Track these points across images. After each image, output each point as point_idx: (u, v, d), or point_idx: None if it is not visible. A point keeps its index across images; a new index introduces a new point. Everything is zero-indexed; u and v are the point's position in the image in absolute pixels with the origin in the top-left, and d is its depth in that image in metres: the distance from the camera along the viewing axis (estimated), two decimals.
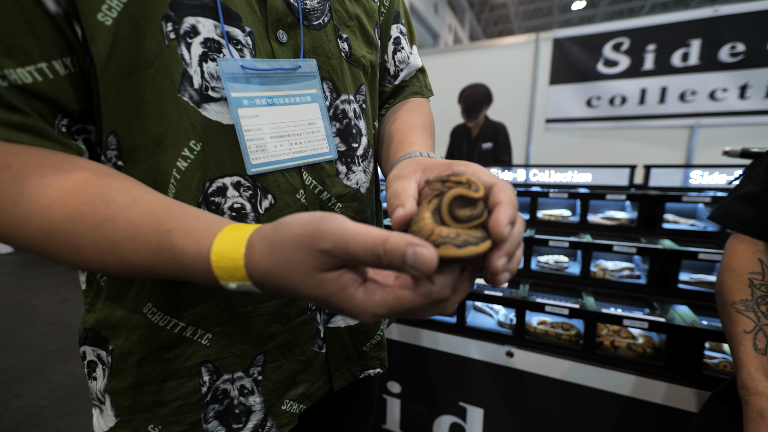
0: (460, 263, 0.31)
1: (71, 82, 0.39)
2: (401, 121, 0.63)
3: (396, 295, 0.29)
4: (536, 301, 1.12)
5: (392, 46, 0.66)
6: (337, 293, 0.30)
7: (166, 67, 0.39)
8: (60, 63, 0.38)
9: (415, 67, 0.70)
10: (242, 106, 0.44)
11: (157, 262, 0.35)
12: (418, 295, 0.29)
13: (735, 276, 0.71)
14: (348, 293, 0.30)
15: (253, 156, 0.45)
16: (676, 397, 0.97)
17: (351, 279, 0.30)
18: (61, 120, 0.40)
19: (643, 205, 1.36)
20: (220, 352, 0.48)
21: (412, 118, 0.64)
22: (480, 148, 2.84)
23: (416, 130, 0.60)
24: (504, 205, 0.31)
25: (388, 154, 0.59)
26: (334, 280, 0.29)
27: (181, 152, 0.41)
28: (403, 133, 0.59)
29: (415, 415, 1.34)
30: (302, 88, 0.49)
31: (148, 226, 0.35)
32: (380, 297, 0.29)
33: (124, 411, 0.47)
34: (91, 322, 0.48)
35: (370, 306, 0.29)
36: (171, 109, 0.40)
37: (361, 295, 0.29)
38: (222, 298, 0.47)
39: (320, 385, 0.59)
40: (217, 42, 0.42)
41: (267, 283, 0.32)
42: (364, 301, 0.29)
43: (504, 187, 0.33)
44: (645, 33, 2.70)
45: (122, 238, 0.35)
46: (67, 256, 0.37)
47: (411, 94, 0.69)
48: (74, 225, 0.35)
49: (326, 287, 0.30)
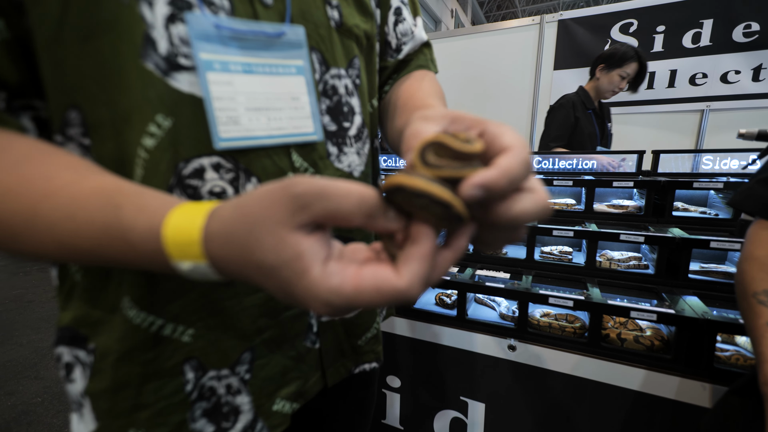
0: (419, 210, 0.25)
1: (7, 50, 0.35)
2: (413, 88, 0.58)
3: (356, 283, 0.25)
4: (539, 293, 1.08)
5: (393, 17, 0.60)
6: (291, 262, 0.25)
7: (127, 29, 0.35)
8: None
9: (420, 42, 0.65)
10: (213, 71, 0.38)
11: (100, 243, 0.31)
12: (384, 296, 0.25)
13: (758, 265, 0.67)
14: (303, 265, 0.25)
15: (223, 128, 0.39)
16: (686, 392, 0.93)
17: (312, 251, 0.25)
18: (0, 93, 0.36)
19: (651, 192, 1.31)
20: (205, 347, 0.45)
21: (423, 85, 0.59)
22: (609, 129, 2.28)
23: (432, 96, 0.55)
24: (505, 156, 0.25)
25: (400, 119, 0.54)
26: (295, 244, 0.25)
27: (146, 128, 0.37)
28: (419, 98, 0.54)
29: (415, 410, 1.31)
30: (287, 57, 0.44)
31: (93, 204, 0.31)
32: (336, 282, 0.25)
33: (103, 415, 0.44)
34: (68, 320, 0.44)
35: (322, 289, 0.25)
36: (135, 78, 0.36)
37: (317, 274, 0.25)
38: (204, 290, 0.43)
39: (314, 382, 0.55)
40: (186, 1, 0.37)
41: (224, 257, 0.28)
42: (318, 280, 0.25)
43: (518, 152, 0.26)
44: (654, 13, 2.61)
45: (61, 217, 0.31)
46: (2, 242, 0.34)
47: (416, 67, 0.64)
48: (7, 204, 0.32)
49: (284, 251, 0.25)
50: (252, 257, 0.26)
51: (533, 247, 1.33)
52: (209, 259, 0.28)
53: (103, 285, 0.42)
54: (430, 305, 1.32)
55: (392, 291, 0.24)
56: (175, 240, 0.29)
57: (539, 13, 10.53)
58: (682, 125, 2.74)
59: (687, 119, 2.72)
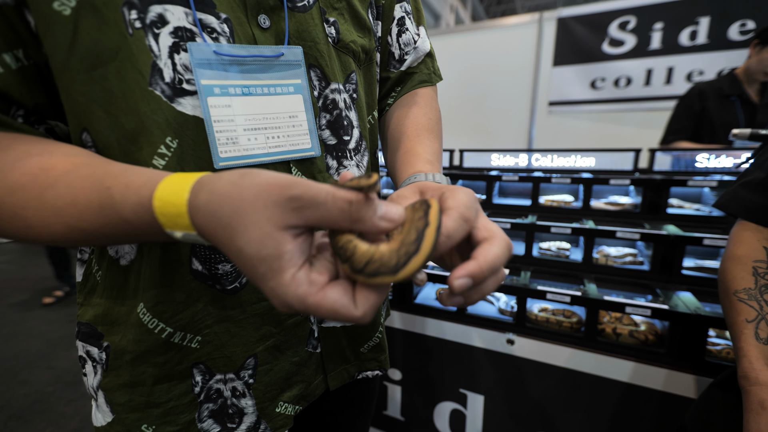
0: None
1: (24, 76, 0.37)
2: (408, 125, 0.60)
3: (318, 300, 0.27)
4: (537, 289, 1.10)
5: (396, 28, 0.61)
6: (270, 260, 0.26)
7: (132, 58, 0.37)
8: (11, 56, 0.36)
9: (423, 52, 0.65)
10: (213, 95, 0.41)
11: (101, 223, 0.34)
12: (340, 314, 0.27)
13: (739, 264, 0.70)
14: (280, 265, 0.26)
15: (222, 149, 0.41)
16: (676, 384, 0.96)
17: (292, 254, 0.27)
18: (17, 111, 0.38)
19: (647, 189, 1.34)
20: (212, 353, 0.47)
21: (419, 119, 0.61)
22: None
23: (423, 136, 0.58)
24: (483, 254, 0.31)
25: (395, 159, 0.58)
26: (279, 244, 0.26)
27: (157, 149, 0.39)
28: (411, 142, 0.57)
29: (415, 402, 1.35)
30: (285, 77, 0.46)
31: (88, 189, 0.34)
32: (302, 291, 0.26)
33: (119, 409, 0.47)
34: (88, 316, 0.47)
35: (289, 293, 0.26)
36: (141, 103, 0.38)
37: (288, 278, 0.26)
38: (209, 300, 0.46)
39: (316, 385, 0.58)
40: (189, 31, 0.39)
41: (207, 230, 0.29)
42: (287, 285, 0.26)
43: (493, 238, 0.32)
44: (652, 11, 2.62)
45: (65, 204, 0.34)
46: (16, 230, 0.36)
47: (419, 83, 0.65)
48: (17, 197, 0.34)
49: (266, 247, 0.26)
50: (233, 241, 0.27)
51: (531, 243, 1.35)
52: (197, 229, 0.30)
53: (122, 288, 0.45)
54: (431, 300, 1.35)
55: (347, 316, 0.27)
56: (164, 212, 0.30)
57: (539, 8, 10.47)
58: None
59: None
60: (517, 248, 1.45)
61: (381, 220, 0.28)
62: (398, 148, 0.58)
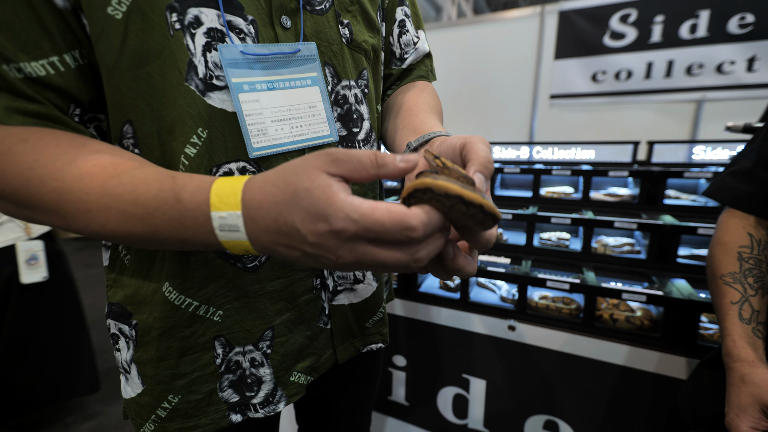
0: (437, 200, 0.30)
1: (81, 74, 0.41)
2: (414, 100, 0.64)
3: (373, 205, 0.29)
4: (538, 277, 1.15)
5: (397, 29, 0.67)
6: (323, 186, 0.30)
7: (172, 57, 0.41)
8: (70, 56, 0.40)
9: (423, 53, 0.71)
10: (243, 91, 0.45)
11: (155, 205, 0.37)
12: (393, 218, 0.29)
13: (725, 249, 0.74)
14: (332, 191, 0.30)
15: (255, 140, 0.46)
16: (669, 366, 1.01)
17: (340, 186, 0.31)
18: (74, 110, 0.42)
19: (645, 181, 1.38)
20: (232, 327, 0.52)
21: (422, 99, 0.65)
22: None
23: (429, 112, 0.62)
24: None
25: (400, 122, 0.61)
26: (327, 178, 0.31)
27: (190, 139, 0.43)
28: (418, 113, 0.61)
29: (419, 387, 1.40)
30: (302, 71, 0.50)
31: (152, 177, 0.38)
32: (357, 203, 0.29)
33: (148, 380, 0.51)
34: (118, 297, 0.51)
35: (347, 206, 0.29)
36: (179, 97, 0.42)
37: (342, 197, 0.30)
38: (230, 278, 0.50)
39: (326, 359, 0.62)
40: (219, 31, 0.43)
41: (259, 200, 0.33)
42: (343, 201, 0.29)
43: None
44: (653, 4, 2.63)
45: (125, 191, 0.37)
46: (75, 214, 0.38)
47: (417, 77, 0.71)
48: (84, 184, 0.37)
49: (318, 178, 0.30)
50: (289, 185, 0.31)
51: (532, 234, 1.39)
52: (243, 209, 0.33)
53: (148, 270, 0.49)
54: (435, 288, 1.39)
55: (400, 216, 0.28)
56: (219, 192, 0.34)
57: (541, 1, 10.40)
58: (679, 115, 2.79)
59: (684, 108, 2.76)
60: (519, 238, 1.49)
61: (401, 162, 0.32)
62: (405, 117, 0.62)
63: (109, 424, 1.90)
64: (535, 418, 1.22)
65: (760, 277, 0.70)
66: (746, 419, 0.60)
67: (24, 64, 0.37)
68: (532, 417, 1.22)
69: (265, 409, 0.55)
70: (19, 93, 0.37)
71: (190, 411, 0.52)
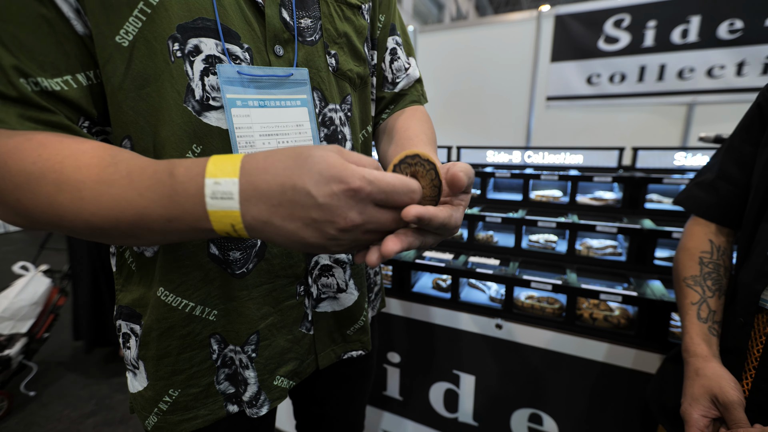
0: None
1: (92, 91, 0.45)
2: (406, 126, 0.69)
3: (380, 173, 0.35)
4: (523, 278, 1.21)
5: (389, 57, 0.72)
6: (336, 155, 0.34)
7: (171, 80, 0.45)
8: (83, 75, 0.44)
9: (414, 78, 0.76)
10: (235, 107, 0.48)
11: (146, 185, 0.38)
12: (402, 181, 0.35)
13: (688, 254, 0.80)
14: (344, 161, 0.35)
15: (242, 152, 0.49)
16: (643, 362, 1.07)
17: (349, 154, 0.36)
18: (83, 122, 0.46)
19: (627, 186, 1.44)
20: (225, 326, 0.55)
21: (416, 123, 0.70)
22: None
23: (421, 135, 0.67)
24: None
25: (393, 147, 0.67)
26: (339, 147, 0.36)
27: (185, 154, 0.47)
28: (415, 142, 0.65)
29: (412, 383, 1.46)
30: (293, 93, 0.54)
31: (148, 163, 0.40)
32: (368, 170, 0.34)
33: (151, 377, 0.56)
34: (127, 300, 0.56)
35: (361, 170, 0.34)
36: (176, 116, 0.46)
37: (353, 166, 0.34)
38: (221, 282, 0.53)
39: (308, 364, 0.65)
40: (218, 57, 0.47)
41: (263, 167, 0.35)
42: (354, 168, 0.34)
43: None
44: (646, 9, 2.68)
45: (120, 177, 0.39)
46: (69, 204, 0.39)
47: (410, 102, 0.76)
48: (81, 174, 0.39)
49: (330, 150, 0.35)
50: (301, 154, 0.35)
51: (521, 236, 1.46)
52: (241, 176, 0.35)
53: (149, 276, 0.54)
54: (427, 289, 1.46)
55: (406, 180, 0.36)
56: (216, 161, 0.36)
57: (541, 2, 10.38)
58: (671, 118, 2.84)
59: (676, 111, 2.81)
60: (508, 240, 1.56)
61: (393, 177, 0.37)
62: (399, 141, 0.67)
63: (114, 419, 1.96)
64: (521, 412, 1.29)
65: (717, 280, 0.76)
66: (698, 408, 0.66)
67: (41, 79, 0.39)
68: (518, 410, 1.29)
69: (250, 410, 0.59)
70: (33, 104, 0.39)
71: (190, 403, 0.56)
